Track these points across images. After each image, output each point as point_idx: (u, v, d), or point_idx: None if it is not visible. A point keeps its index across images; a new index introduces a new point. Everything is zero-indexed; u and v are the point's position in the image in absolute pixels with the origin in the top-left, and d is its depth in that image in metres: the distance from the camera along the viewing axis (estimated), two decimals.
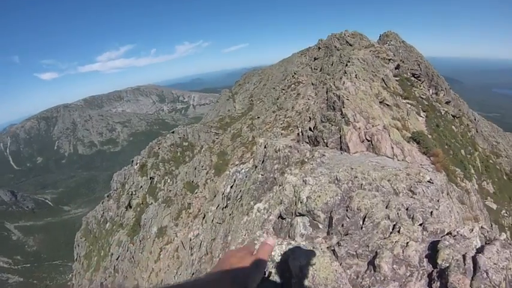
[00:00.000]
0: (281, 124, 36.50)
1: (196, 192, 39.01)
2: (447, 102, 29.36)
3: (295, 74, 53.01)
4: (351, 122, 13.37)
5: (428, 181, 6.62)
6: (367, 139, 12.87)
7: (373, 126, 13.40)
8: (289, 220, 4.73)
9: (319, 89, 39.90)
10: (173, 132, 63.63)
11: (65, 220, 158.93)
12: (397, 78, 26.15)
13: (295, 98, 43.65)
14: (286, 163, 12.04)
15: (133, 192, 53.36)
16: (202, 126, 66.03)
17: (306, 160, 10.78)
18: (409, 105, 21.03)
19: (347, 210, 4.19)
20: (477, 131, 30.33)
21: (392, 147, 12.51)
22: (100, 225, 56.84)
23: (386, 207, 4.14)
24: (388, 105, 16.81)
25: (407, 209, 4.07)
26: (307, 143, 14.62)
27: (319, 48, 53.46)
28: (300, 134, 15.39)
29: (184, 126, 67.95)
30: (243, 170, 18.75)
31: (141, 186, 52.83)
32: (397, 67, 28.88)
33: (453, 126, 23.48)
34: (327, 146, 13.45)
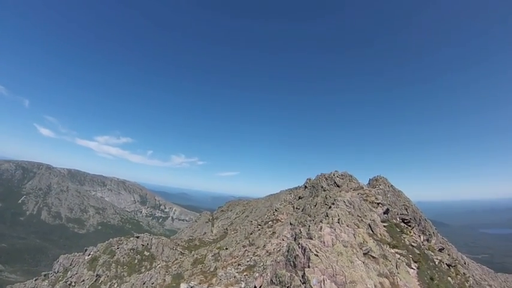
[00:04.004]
0: (247, 261, 33.82)
1: None
2: (440, 250, 27.22)
3: (276, 210, 52.09)
4: None
5: None
6: None
7: None
8: None
9: (296, 231, 38.64)
10: (138, 237, 60.33)
11: None
12: (385, 224, 24.86)
13: (270, 236, 41.60)
14: None
15: (73, 284, 47.12)
16: (169, 241, 62.48)
17: None
18: (399, 256, 19.00)
19: None
20: (475, 281, 27.33)
21: None
22: None
23: None
24: (374, 257, 14.93)
25: None
26: None
27: (305, 187, 53.50)
28: None
29: (151, 235, 64.17)
30: None
31: (84, 280, 46.44)
32: (386, 212, 27.84)
33: (449, 278, 20.97)
34: None
